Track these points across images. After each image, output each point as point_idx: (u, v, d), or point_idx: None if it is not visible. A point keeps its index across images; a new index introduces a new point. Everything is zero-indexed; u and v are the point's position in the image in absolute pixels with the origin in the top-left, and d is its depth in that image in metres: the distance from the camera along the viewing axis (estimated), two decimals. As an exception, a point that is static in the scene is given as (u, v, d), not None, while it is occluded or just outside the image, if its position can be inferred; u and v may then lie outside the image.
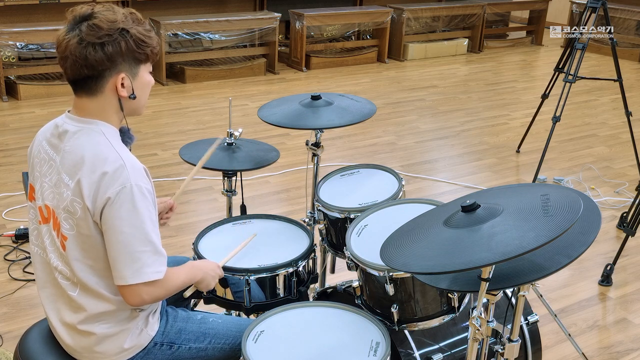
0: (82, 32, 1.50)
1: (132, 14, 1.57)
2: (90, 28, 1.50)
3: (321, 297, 2.16)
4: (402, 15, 7.62)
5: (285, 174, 4.36)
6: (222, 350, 1.79)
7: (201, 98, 6.06)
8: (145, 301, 1.57)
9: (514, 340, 1.65)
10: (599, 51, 8.04)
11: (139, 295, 1.55)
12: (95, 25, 1.50)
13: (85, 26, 1.51)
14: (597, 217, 1.53)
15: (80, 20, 1.52)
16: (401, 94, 6.39)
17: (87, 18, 1.52)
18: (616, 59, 4.26)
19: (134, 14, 1.57)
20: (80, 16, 1.53)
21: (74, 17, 1.54)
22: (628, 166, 4.68)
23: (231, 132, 2.43)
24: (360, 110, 2.35)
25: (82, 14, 1.53)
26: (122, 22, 1.52)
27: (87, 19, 1.52)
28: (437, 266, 1.38)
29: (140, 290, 1.55)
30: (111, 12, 1.54)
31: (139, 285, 1.54)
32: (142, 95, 1.63)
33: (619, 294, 3.14)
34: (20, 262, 3.22)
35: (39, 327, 1.80)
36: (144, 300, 1.57)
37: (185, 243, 3.39)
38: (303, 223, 2.27)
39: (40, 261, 1.68)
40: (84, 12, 1.53)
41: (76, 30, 1.51)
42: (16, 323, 2.77)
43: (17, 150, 4.62)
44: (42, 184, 1.62)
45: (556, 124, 4.13)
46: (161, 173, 4.31)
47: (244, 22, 6.69)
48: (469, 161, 4.78)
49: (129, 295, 1.56)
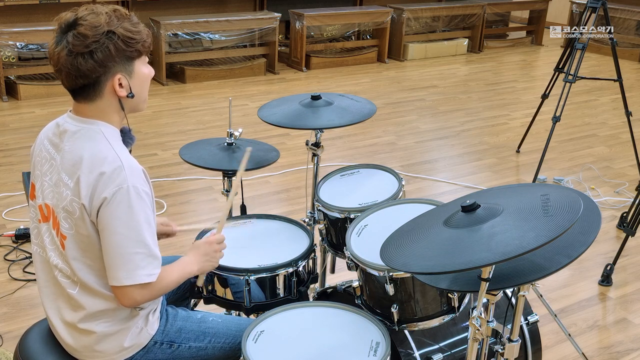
0: (69, 43, 1.49)
1: (115, 11, 1.54)
2: (76, 38, 1.49)
3: (321, 297, 2.16)
4: (402, 15, 7.62)
5: (285, 174, 4.36)
6: (222, 350, 1.79)
7: (201, 98, 6.06)
8: (137, 302, 1.58)
9: (514, 340, 1.65)
10: (599, 51, 8.04)
11: (132, 297, 1.56)
12: (80, 34, 1.49)
13: (71, 36, 1.49)
14: (597, 217, 1.53)
15: (66, 29, 1.51)
16: (401, 94, 6.39)
17: (71, 26, 1.50)
18: (616, 59, 4.26)
19: (117, 10, 1.55)
20: (65, 25, 1.51)
21: (59, 26, 1.52)
22: (628, 166, 4.68)
23: (231, 132, 2.43)
24: (360, 110, 2.35)
25: (66, 22, 1.51)
26: (106, 24, 1.50)
27: (71, 27, 1.50)
28: (437, 266, 1.38)
29: (133, 292, 1.55)
30: (94, 14, 1.51)
31: (132, 287, 1.54)
32: (142, 90, 1.62)
33: (619, 294, 3.14)
34: (20, 262, 3.22)
35: (39, 327, 1.80)
36: (136, 301, 1.57)
37: (185, 243, 3.38)
38: (303, 223, 2.27)
39: (40, 260, 1.68)
40: (68, 19, 1.52)
41: (63, 41, 1.50)
42: (16, 323, 2.77)
43: (17, 150, 4.62)
44: (42, 182, 1.63)
45: (556, 124, 4.13)
46: (161, 173, 4.31)
47: (244, 22, 6.69)
48: (469, 161, 4.78)
49: (122, 296, 1.56)
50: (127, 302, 1.57)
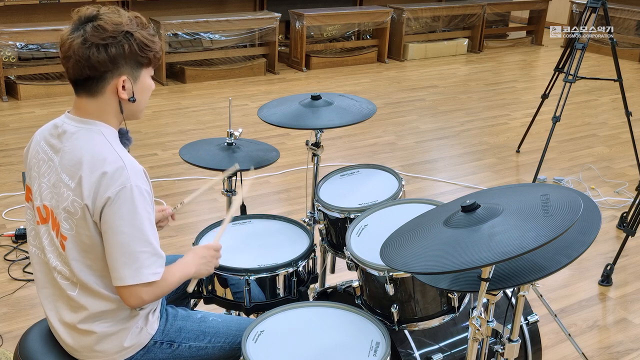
0: (86, 32, 1.51)
1: (137, 17, 1.57)
2: (94, 29, 1.51)
3: (321, 297, 2.16)
4: (402, 15, 7.63)
5: (285, 174, 4.36)
6: (222, 349, 1.79)
7: (201, 98, 6.06)
8: (144, 301, 1.57)
9: (514, 340, 1.65)
10: (599, 51, 8.04)
11: (138, 296, 1.55)
12: (100, 26, 1.51)
13: (90, 27, 1.51)
14: (597, 217, 1.53)
15: (85, 21, 1.53)
16: (401, 94, 6.39)
17: (92, 19, 1.53)
18: (616, 59, 4.26)
19: (139, 17, 1.58)
20: (85, 17, 1.53)
21: (79, 18, 1.54)
22: (628, 166, 4.68)
23: (231, 132, 2.43)
24: (360, 110, 2.35)
25: (87, 15, 1.53)
26: (127, 25, 1.53)
27: (92, 20, 1.52)
28: (437, 266, 1.38)
29: (139, 290, 1.55)
30: (116, 14, 1.54)
31: (138, 286, 1.54)
32: (142, 99, 1.63)
33: (619, 294, 3.14)
34: (20, 262, 3.22)
35: (39, 327, 1.80)
36: (143, 300, 1.57)
37: (185, 243, 3.39)
38: (303, 223, 2.27)
39: (39, 261, 1.68)
40: (90, 13, 1.54)
41: (80, 30, 1.52)
42: (16, 323, 2.77)
43: (17, 150, 4.62)
44: (40, 184, 1.62)
45: (556, 124, 4.13)
46: (161, 173, 4.31)
47: (244, 22, 6.69)
48: (469, 161, 4.78)
49: (128, 296, 1.56)
50: (134, 302, 1.56)
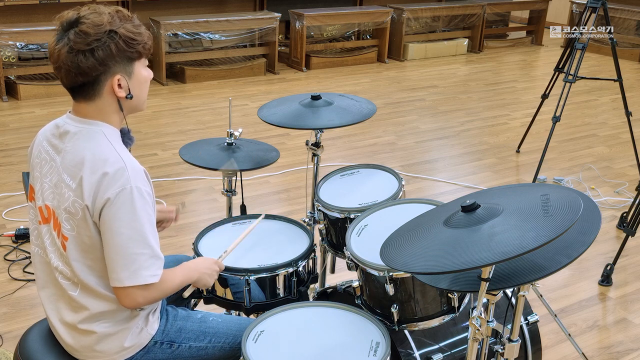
0: (70, 40, 1.49)
1: (118, 12, 1.55)
2: (77, 35, 1.49)
3: (321, 297, 2.16)
4: (402, 15, 7.62)
5: (285, 174, 4.36)
6: (222, 349, 1.79)
7: (201, 98, 6.06)
8: (139, 304, 1.57)
9: (514, 340, 1.65)
10: (599, 51, 8.04)
11: (134, 298, 1.55)
12: (82, 31, 1.49)
13: (73, 34, 1.49)
14: (597, 217, 1.53)
15: (68, 27, 1.51)
16: (401, 94, 6.39)
17: (73, 24, 1.51)
18: (616, 59, 4.26)
19: (120, 11, 1.55)
20: (67, 23, 1.52)
21: (61, 24, 1.53)
22: (628, 166, 4.68)
23: (231, 132, 2.43)
24: (360, 110, 2.35)
25: (68, 20, 1.52)
26: (108, 24, 1.51)
27: (73, 25, 1.51)
28: (437, 266, 1.38)
29: (135, 293, 1.54)
30: (96, 14, 1.52)
31: (134, 288, 1.54)
32: (141, 92, 1.62)
33: (619, 294, 3.14)
34: (20, 262, 3.22)
35: (39, 327, 1.80)
36: (138, 302, 1.57)
37: (185, 243, 3.39)
38: (303, 223, 2.27)
39: (40, 261, 1.68)
40: (70, 17, 1.52)
41: (65, 39, 1.50)
42: (16, 323, 2.77)
43: (17, 150, 4.62)
44: (42, 184, 1.62)
45: (556, 124, 4.13)
46: (161, 173, 4.31)
47: (244, 22, 6.69)
48: (469, 161, 4.78)
49: (124, 298, 1.55)
50: (129, 304, 1.56)
